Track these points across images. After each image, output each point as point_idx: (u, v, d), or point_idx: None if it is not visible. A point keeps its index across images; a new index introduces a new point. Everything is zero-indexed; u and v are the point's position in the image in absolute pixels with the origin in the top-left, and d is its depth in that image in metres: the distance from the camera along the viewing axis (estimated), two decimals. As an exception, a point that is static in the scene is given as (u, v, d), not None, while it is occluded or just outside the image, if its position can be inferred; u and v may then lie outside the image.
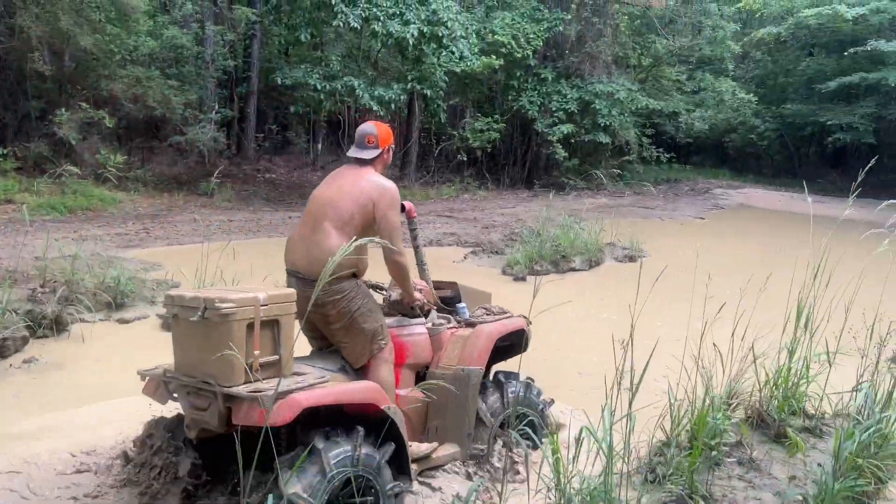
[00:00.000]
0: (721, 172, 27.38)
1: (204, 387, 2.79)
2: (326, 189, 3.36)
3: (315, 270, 3.04)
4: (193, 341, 2.85)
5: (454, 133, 17.99)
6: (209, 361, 2.73)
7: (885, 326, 6.13)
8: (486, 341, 3.71)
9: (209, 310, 2.71)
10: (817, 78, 24.35)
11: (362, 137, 3.41)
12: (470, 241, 11.45)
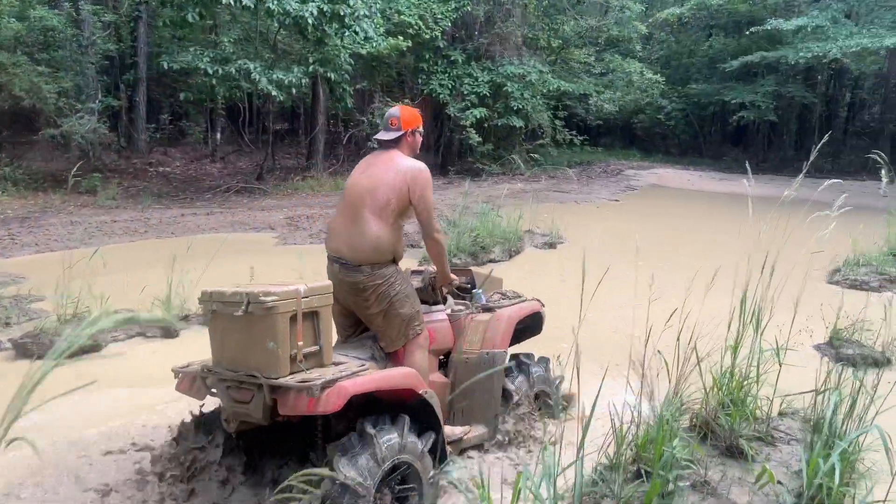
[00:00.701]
0: (631, 153, 27.66)
1: (248, 380, 2.83)
2: (362, 178, 3.46)
3: (359, 257, 3.30)
4: (235, 336, 2.89)
5: (363, 119, 17.11)
6: (253, 354, 2.81)
7: (833, 314, 5.83)
8: (508, 325, 3.88)
9: (253, 304, 2.75)
10: (720, 57, 24.83)
11: (387, 120, 3.57)
12: (383, 234, 10.72)
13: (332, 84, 14.39)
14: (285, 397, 2.77)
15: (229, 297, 2.85)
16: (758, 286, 4.13)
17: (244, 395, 2.89)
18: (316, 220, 11.53)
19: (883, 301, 7.97)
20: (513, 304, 4.08)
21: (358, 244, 3.33)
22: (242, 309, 2.76)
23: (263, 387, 2.79)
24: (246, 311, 2.77)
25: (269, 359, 2.79)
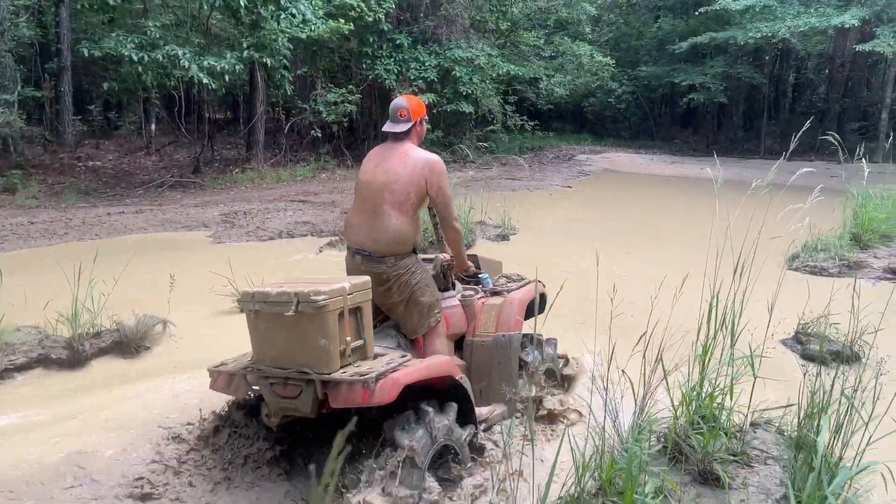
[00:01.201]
0: (582, 137, 27.43)
1: (297, 376, 2.92)
2: (377, 172, 3.49)
3: (381, 250, 3.41)
4: (281, 334, 2.95)
5: (305, 107, 16.33)
6: (303, 352, 2.90)
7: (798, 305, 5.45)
8: (520, 308, 4.04)
9: (303, 303, 2.82)
10: (668, 39, 24.71)
11: (395, 112, 3.56)
12: (327, 230, 10.08)
13: (270, 70, 13.60)
14: (337, 391, 2.90)
15: (275, 298, 2.90)
16: (730, 289, 3.73)
17: (291, 391, 2.99)
18: (254, 216, 10.83)
19: (844, 288, 7.78)
20: (520, 287, 4.25)
21: (380, 237, 3.44)
22: (293, 309, 2.84)
23: (315, 382, 2.90)
24: (296, 311, 2.84)
25: (321, 355, 2.90)
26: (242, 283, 6.18)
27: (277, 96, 15.06)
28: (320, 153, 16.79)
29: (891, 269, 8.14)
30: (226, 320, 5.97)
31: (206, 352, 5.16)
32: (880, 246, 9.02)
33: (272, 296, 2.92)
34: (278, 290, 2.91)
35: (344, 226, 3.98)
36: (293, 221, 10.48)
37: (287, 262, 8.20)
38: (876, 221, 9.02)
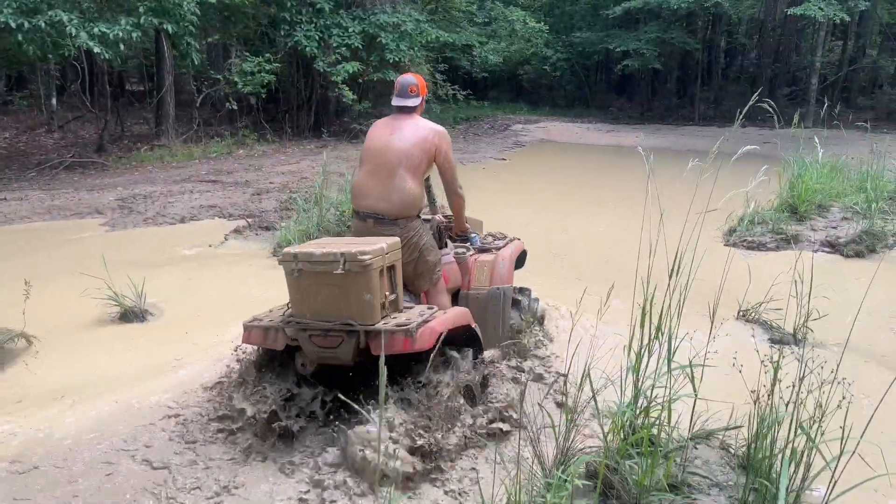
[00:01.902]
0: (518, 107, 26.82)
1: (342, 327, 3.25)
2: (392, 139, 3.77)
3: (394, 212, 3.73)
4: (324, 291, 3.26)
5: (219, 77, 15.15)
6: (347, 305, 3.25)
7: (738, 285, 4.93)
8: (510, 263, 4.58)
9: (350, 262, 3.16)
10: (602, 4, 24.18)
11: (405, 88, 3.89)
12: (236, 214, 9.20)
13: (175, 38, 12.42)
14: (378, 340, 3.18)
15: (321, 258, 3.20)
16: (665, 292, 3.16)
17: (331, 342, 3.28)
18: (155, 200, 9.83)
19: (783, 266, 7.41)
20: (507, 245, 4.81)
21: (396, 199, 3.72)
22: (341, 268, 3.14)
23: (359, 332, 3.22)
24: (344, 269, 3.15)
25: (364, 308, 3.23)
26: (122, 285, 5.38)
27: (188, 66, 13.85)
28: (238, 127, 15.66)
29: (828, 243, 7.83)
30: (96, 334, 5.11)
31: (67, 376, 4.35)
32: (817, 217, 8.72)
33: (317, 256, 3.23)
34: (323, 251, 3.23)
35: (351, 191, 4.19)
36: (198, 205, 9.55)
37: (182, 255, 7.31)
38: (812, 192, 8.69)
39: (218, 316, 5.37)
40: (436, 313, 3.48)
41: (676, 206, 3.22)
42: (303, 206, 8.14)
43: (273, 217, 8.78)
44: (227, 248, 7.66)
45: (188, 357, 4.53)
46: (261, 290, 6.06)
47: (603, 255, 7.73)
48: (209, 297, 5.92)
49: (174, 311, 5.54)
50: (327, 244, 3.41)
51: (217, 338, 4.86)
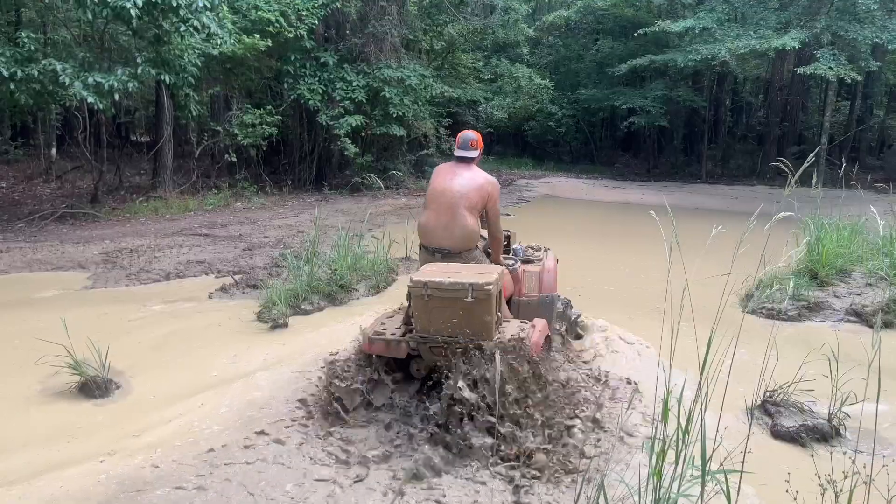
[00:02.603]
0: (523, 161, 26.67)
1: (461, 340, 3.91)
2: (454, 184, 4.51)
3: (461, 245, 4.51)
4: (447, 313, 3.92)
5: (218, 129, 14.93)
6: (469, 325, 3.91)
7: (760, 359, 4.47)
8: (554, 273, 5.40)
9: (476, 291, 3.85)
10: (608, 62, 24.21)
11: (466, 142, 4.68)
12: (225, 270, 8.74)
13: (173, 89, 12.21)
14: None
15: (449, 286, 3.88)
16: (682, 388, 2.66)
17: (449, 352, 3.98)
18: (142, 255, 9.39)
19: (808, 337, 6.86)
20: (547, 256, 5.57)
21: (458, 235, 4.45)
22: (470, 296, 3.85)
23: (476, 345, 3.92)
24: (473, 297, 3.85)
25: (485, 327, 3.96)
26: (85, 350, 4.89)
27: (187, 117, 13.63)
28: (236, 179, 15.37)
29: (853, 311, 7.30)
30: (43, 411, 4.59)
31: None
32: (838, 283, 8.21)
33: (446, 284, 3.87)
34: (451, 281, 3.87)
35: (418, 229, 4.72)
36: (186, 260, 9.10)
37: (160, 315, 6.81)
38: (834, 256, 8.20)
39: (186, 391, 4.86)
40: (529, 329, 4.27)
41: (693, 266, 3.14)
42: (293, 263, 7.69)
43: (262, 274, 8.31)
44: (210, 308, 7.16)
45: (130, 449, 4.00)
46: (238, 360, 5.57)
47: (623, 287, 7.44)
48: (182, 366, 5.41)
49: (140, 384, 5.03)
50: (448, 273, 4.04)
51: (181, 419, 4.36)
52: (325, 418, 4.26)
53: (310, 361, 5.30)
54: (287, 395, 4.70)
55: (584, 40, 27.48)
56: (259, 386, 4.92)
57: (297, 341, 6.03)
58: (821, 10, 18.32)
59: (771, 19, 18.83)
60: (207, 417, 4.41)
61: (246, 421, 4.35)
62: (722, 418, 3.45)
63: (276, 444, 4.02)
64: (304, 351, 5.67)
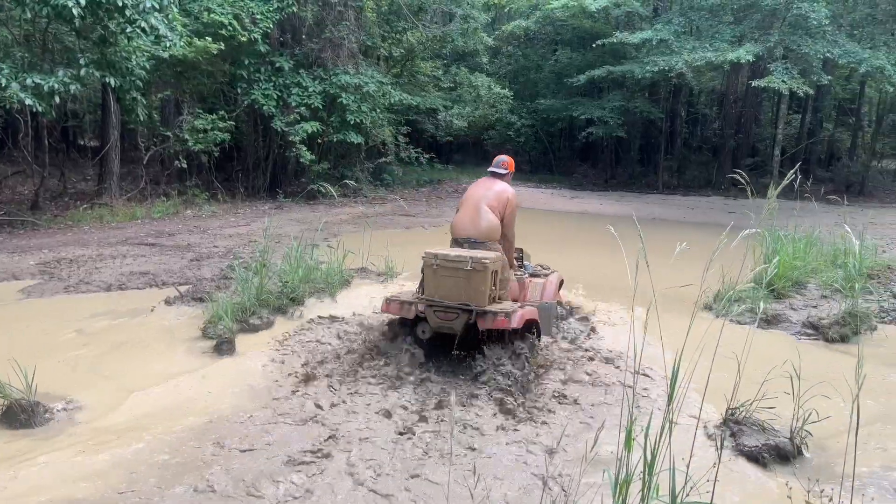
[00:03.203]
0: (482, 171, 26.29)
1: (459, 307, 5.07)
2: (487, 192, 5.70)
3: (484, 235, 5.54)
4: (451, 281, 5.08)
5: (169, 134, 14.44)
6: (467, 293, 5.05)
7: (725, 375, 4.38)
8: (556, 286, 6.63)
9: (474, 263, 5.00)
10: (566, 72, 24.32)
11: (499, 163, 6.01)
12: (171, 282, 8.34)
13: (119, 92, 11.73)
14: (484, 318, 5.06)
15: (454, 259, 5.05)
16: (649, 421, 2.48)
17: (450, 316, 5.13)
18: (82, 265, 8.92)
19: (765, 349, 6.80)
20: (552, 273, 6.76)
21: (484, 227, 5.55)
22: (471, 265, 5.00)
23: (473, 311, 5.05)
24: (471, 268, 5.00)
25: (480, 295, 5.05)
26: (10, 370, 4.52)
27: (135, 122, 13.13)
28: (187, 186, 14.88)
29: (810, 324, 7.29)
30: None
31: None
32: (795, 295, 8.23)
33: (451, 256, 5.06)
34: (455, 254, 5.08)
35: (451, 226, 5.83)
36: (129, 272, 8.66)
37: (97, 331, 6.41)
38: (790, 268, 8.22)
39: (122, 420, 4.52)
40: (519, 307, 5.29)
41: (658, 279, 3.22)
42: (242, 275, 7.35)
43: (210, 286, 7.94)
44: (152, 322, 6.77)
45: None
46: (179, 385, 5.21)
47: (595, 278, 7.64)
48: (118, 387, 5.05)
49: (72, 409, 4.66)
50: (457, 250, 5.32)
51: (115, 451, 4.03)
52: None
53: (260, 390, 5.03)
54: (225, 430, 4.41)
55: (543, 50, 27.59)
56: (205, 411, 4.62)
57: (242, 363, 5.72)
58: (774, 24, 18.68)
59: (726, 33, 19.12)
60: (141, 452, 4.08)
61: (189, 453, 4.04)
62: (685, 439, 3.28)
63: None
64: (246, 376, 5.39)
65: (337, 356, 5.79)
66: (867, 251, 8.96)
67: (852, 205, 18.12)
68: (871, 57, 17.30)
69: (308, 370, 5.46)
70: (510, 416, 4.68)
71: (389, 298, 5.43)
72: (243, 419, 4.56)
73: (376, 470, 3.91)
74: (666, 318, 3.05)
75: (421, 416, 4.66)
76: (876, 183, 23.30)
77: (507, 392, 4.93)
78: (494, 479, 3.86)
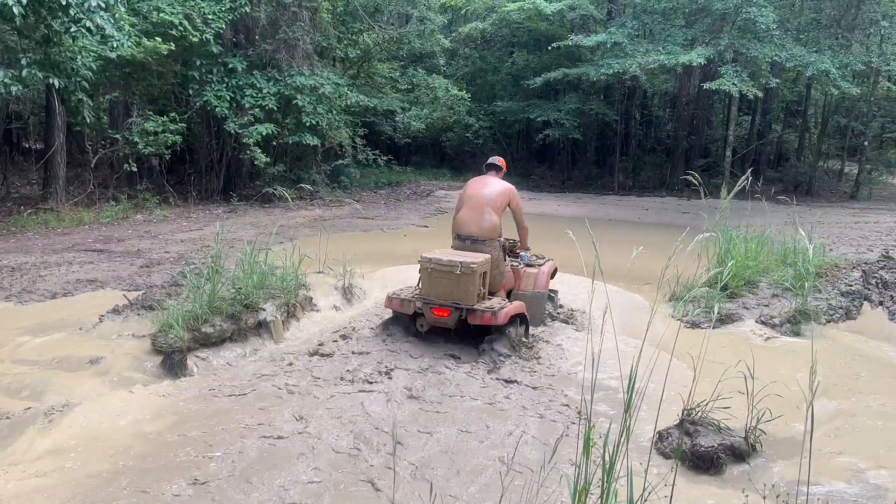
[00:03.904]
0: (441, 172, 26.57)
1: (453, 305, 5.81)
2: (483, 189, 6.34)
3: (485, 234, 6.22)
4: (444, 282, 5.81)
5: (118, 136, 14.03)
6: (458, 293, 5.78)
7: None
8: (547, 276, 7.06)
9: (463, 267, 5.72)
10: (523, 75, 24.46)
11: (495, 159, 6.77)
12: (121, 288, 8.08)
13: (64, 93, 11.35)
14: (474, 315, 5.81)
15: (446, 263, 5.80)
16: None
17: (444, 313, 5.86)
18: (25, 273, 8.58)
19: (721, 348, 6.90)
20: (546, 263, 7.22)
21: (485, 227, 6.21)
22: (460, 270, 5.73)
23: (463, 309, 5.80)
24: (461, 271, 5.73)
25: (469, 295, 5.77)
26: None
27: (81, 124, 12.72)
28: (138, 189, 14.49)
29: (763, 322, 7.43)
30: None
31: None
32: (748, 294, 8.37)
33: (444, 261, 5.81)
34: (448, 259, 5.82)
35: (454, 223, 6.46)
36: (76, 279, 8.37)
37: (40, 345, 6.14)
38: (743, 268, 8.36)
39: (45, 443, 4.26)
40: (506, 304, 5.99)
41: (615, 281, 3.63)
42: (194, 281, 7.14)
43: (161, 294, 7.70)
44: (99, 334, 6.52)
45: None
46: (127, 408, 4.94)
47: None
48: (59, 412, 4.80)
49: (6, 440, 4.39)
50: (449, 255, 5.95)
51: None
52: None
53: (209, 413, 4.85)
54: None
55: (500, 53, 27.70)
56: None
57: (192, 383, 5.54)
58: (724, 28, 19.10)
59: (678, 36, 19.47)
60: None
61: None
62: (642, 443, 3.27)
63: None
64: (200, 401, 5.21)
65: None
66: (816, 250, 9.18)
67: (801, 204, 18.59)
68: (817, 61, 17.83)
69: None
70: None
71: (391, 296, 6.17)
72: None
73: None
74: (623, 320, 3.04)
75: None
76: (822, 183, 24.00)
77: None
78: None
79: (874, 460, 4.27)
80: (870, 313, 7.81)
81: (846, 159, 24.87)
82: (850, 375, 5.77)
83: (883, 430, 4.78)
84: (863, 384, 5.60)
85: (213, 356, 6.06)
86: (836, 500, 3.75)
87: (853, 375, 5.78)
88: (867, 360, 6.22)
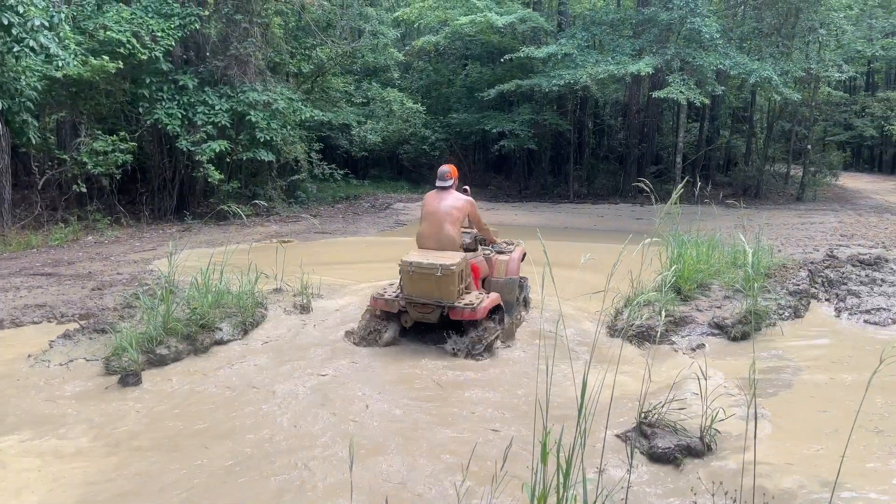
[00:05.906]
0: (399, 185, 26.60)
1: (433, 302, 6.39)
2: (441, 206, 6.79)
3: (445, 247, 6.68)
4: (424, 282, 6.31)
5: (66, 157, 13.71)
6: (439, 291, 6.31)
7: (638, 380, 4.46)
8: (517, 262, 7.56)
9: (443, 269, 6.21)
10: (477, 87, 24.69)
11: (443, 174, 6.93)
12: (70, 314, 7.87)
13: (8, 114, 11.06)
14: (455, 311, 6.35)
15: (426, 266, 6.27)
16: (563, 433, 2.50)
17: (426, 310, 6.46)
18: (-32, 300, 8.30)
19: (675, 353, 7.06)
20: (516, 249, 7.76)
21: (445, 241, 6.71)
22: (440, 272, 6.21)
23: (444, 306, 6.36)
24: (441, 273, 6.21)
25: (449, 293, 6.31)
26: None
27: (27, 145, 12.40)
28: (88, 211, 14.16)
29: (715, 324, 7.61)
30: None
31: None
32: (700, 296, 8.57)
33: (424, 264, 6.29)
34: (427, 262, 6.30)
35: (417, 237, 6.96)
36: (23, 305, 8.13)
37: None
38: (695, 271, 8.56)
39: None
40: (483, 299, 6.49)
41: (565, 290, 3.60)
42: (147, 303, 7.01)
43: (113, 316, 7.54)
44: (50, 361, 6.35)
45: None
46: (88, 431, 4.85)
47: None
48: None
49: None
50: (429, 257, 6.42)
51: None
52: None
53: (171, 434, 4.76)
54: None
55: (454, 65, 27.91)
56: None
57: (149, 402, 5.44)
58: (670, 38, 19.61)
59: (626, 46, 19.91)
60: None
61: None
62: (599, 446, 3.34)
63: None
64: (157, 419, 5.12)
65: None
66: (764, 252, 9.47)
67: (749, 207, 19.17)
68: (760, 68, 18.41)
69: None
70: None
71: (376, 296, 6.68)
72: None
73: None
74: (575, 328, 3.09)
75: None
76: (769, 186, 24.71)
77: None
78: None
79: (814, 452, 4.42)
80: (817, 311, 8.09)
81: (791, 162, 25.66)
82: (794, 370, 5.96)
83: (823, 419, 4.95)
84: (806, 378, 5.78)
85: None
86: (785, 494, 3.86)
87: (797, 370, 5.97)
88: (812, 357, 6.43)
